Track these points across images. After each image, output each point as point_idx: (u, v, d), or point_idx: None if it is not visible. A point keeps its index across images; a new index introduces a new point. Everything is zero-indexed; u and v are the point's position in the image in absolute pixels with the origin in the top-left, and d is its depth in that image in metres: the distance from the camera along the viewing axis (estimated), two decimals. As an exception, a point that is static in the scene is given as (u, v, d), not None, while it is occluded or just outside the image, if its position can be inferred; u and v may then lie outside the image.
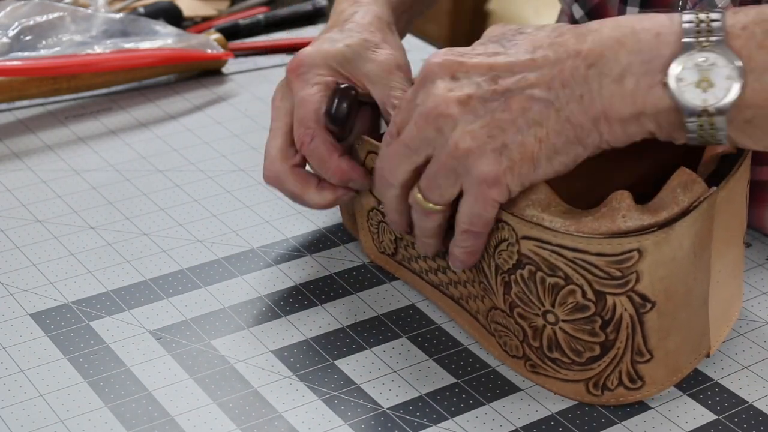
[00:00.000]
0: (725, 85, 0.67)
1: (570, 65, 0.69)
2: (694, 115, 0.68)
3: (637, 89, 0.68)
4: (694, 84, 0.67)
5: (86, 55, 1.11)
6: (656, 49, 0.68)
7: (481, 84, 0.71)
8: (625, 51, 0.68)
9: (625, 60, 0.68)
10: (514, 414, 0.74)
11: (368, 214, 0.85)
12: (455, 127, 0.70)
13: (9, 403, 0.74)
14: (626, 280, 0.70)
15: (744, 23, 0.68)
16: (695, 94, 0.67)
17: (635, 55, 0.68)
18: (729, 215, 0.74)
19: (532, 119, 0.70)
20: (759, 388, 0.76)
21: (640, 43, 0.68)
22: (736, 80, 0.67)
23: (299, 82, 0.83)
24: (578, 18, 0.97)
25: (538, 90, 0.69)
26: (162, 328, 0.81)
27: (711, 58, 0.67)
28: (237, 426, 0.72)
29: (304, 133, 0.82)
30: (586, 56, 0.69)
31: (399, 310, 0.83)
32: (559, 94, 0.69)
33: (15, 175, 0.99)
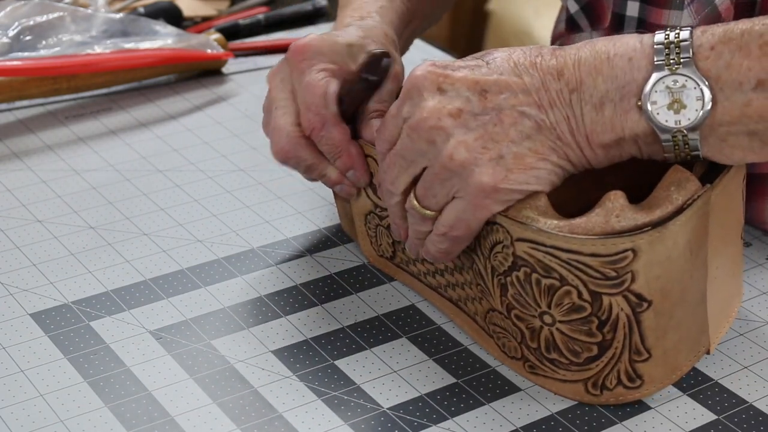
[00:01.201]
0: (696, 105, 0.69)
1: (555, 88, 0.71)
2: (669, 134, 0.70)
3: (615, 115, 0.70)
4: (666, 106, 0.69)
5: (86, 55, 1.11)
6: (630, 73, 0.70)
7: (470, 98, 0.72)
8: (601, 78, 0.70)
9: (602, 87, 0.70)
10: (514, 414, 0.74)
11: (366, 217, 0.86)
12: (448, 139, 0.71)
13: (9, 403, 0.74)
14: (621, 280, 0.70)
15: (712, 43, 0.69)
16: (668, 115, 0.70)
17: (611, 82, 0.70)
18: (725, 212, 0.74)
19: (524, 133, 0.71)
20: (759, 388, 0.76)
21: (615, 69, 0.70)
22: (706, 101, 0.69)
23: (303, 65, 0.83)
24: (573, 12, 0.97)
25: (528, 108, 0.71)
26: (162, 328, 0.81)
27: (681, 80, 0.69)
28: (237, 426, 0.72)
29: (314, 119, 0.82)
30: (568, 81, 0.71)
31: (399, 310, 0.83)
32: (549, 114, 0.71)
33: (15, 175, 0.99)
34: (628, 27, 0.91)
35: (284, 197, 0.96)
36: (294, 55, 0.84)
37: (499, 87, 0.71)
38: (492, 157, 0.71)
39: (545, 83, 0.71)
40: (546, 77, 0.71)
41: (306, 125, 0.83)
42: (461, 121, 0.71)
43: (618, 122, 0.70)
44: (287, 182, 0.98)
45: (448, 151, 0.71)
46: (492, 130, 0.71)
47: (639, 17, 0.90)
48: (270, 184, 0.98)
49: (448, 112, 0.71)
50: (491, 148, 0.71)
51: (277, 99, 0.85)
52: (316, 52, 0.84)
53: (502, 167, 0.71)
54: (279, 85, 0.85)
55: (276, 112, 0.85)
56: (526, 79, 0.71)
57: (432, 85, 0.72)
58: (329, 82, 0.83)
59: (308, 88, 0.83)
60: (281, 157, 0.85)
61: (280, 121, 0.84)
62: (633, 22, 0.91)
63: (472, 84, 0.72)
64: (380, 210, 0.83)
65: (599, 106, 0.70)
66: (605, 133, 0.71)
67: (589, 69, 0.71)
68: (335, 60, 0.84)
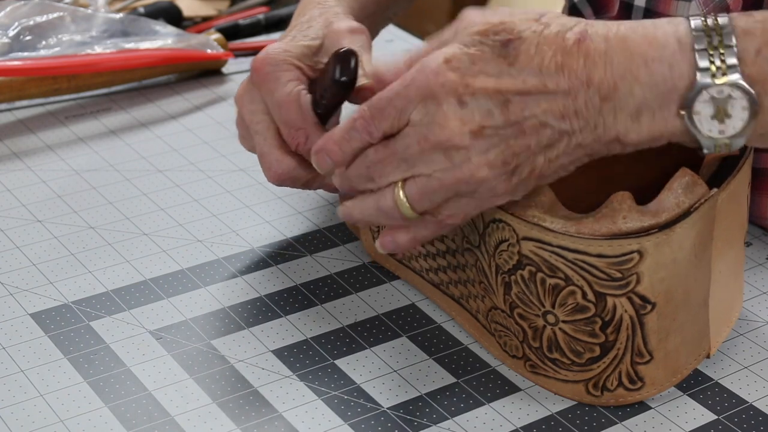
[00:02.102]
0: (742, 115, 0.67)
1: (583, 96, 0.67)
2: (712, 143, 0.68)
3: (653, 122, 0.68)
4: (710, 116, 0.67)
5: (86, 55, 1.11)
6: (670, 81, 0.67)
7: (493, 111, 0.68)
8: (638, 85, 0.67)
9: (639, 94, 0.67)
10: (514, 414, 0.74)
11: (368, 213, 0.85)
12: (469, 158, 0.69)
13: (9, 403, 0.74)
14: (626, 282, 0.70)
15: (757, 47, 0.66)
16: (712, 125, 0.67)
17: (650, 90, 0.67)
18: (730, 216, 0.74)
19: (544, 144, 0.68)
20: (759, 388, 0.76)
21: (654, 77, 0.67)
22: (752, 109, 0.67)
23: (269, 82, 0.82)
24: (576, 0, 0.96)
25: (552, 118, 0.68)
26: (162, 328, 0.81)
27: (726, 91, 0.66)
28: (237, 426, 0.72)
29: (296, 134, 0.81)
30: (599, 87, 0.67)
31: (399, 309, 0.83)
32: (573, 123, 0.68)
33: (15, 175, 0.99)
34: (635, 16, 0.91)
35: (284, 197, 0.96)
36: (257, 74, 0.82)
37: (522, 95, 0.68)
38: (508, 170, 0.69)
39: (572, 91, 0.67)
40: (573, 84, 0.67)
41: (290, 142, 0.82)
42: (483, 138, 0.68)
43: (656, 129, 0.68)
44: (287, 182, 0.98)
45: (468, 170, 0.69)
46: (513, 143, 0.68)
47: (646, 7, 0.90)
48: (270, 184, 0.98)
49: (469, 131, 0.68)
50: (511, 162, 0.69)
51: (253, 122, 0.83)
52: (276, 63, 0.82)
53: (517, 177, 0.69)
54: (250, 106, 0.84)
55: (256, 137, 0.83)
56: (550, 86, 0.68)
57: (452, 96, 0.68)
58: (300, 93, 0.81)
59: (281, 105, 0.81)
60: (276, 182, 0.83)
61: (264, 148, 0.83)
62: (640, 11, 0.90)
63: (494, 94, 0.68)
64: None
65: (636, 114, 0.67)
66: (641, 138, 0.68)
67: (624, 74, 0.67)
68: (297, 63, 0.82)
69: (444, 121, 0.68)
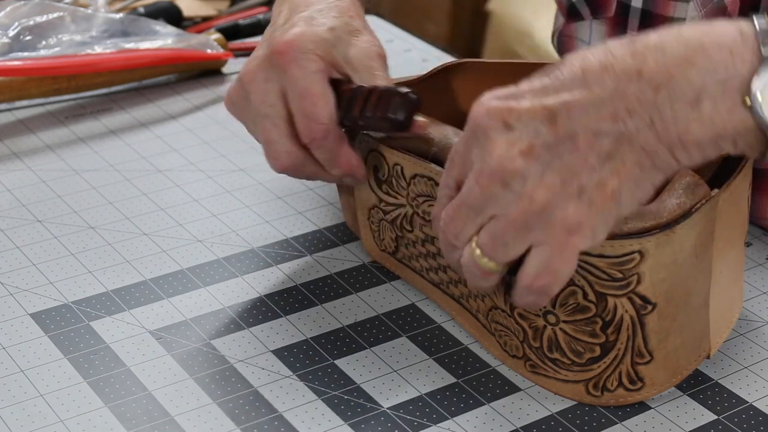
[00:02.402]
0: None
1: (633, 90, 0.63)
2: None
3: (716, 112, 0.63)
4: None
5: (86, 55, 1.11)
6: (732, 67, 0.63)
7: (540, 129, 0.65)
8: (696, 71, 0.63)
9: (698, 81, 0.63)
10: (514, 414, 0.74)
11: (369, 212, 0.85)
12: (525, 181, 0.65)
13: (9, 403, 0.74)
14: (627, 282, 0.70)
15: None
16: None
17: (709, 75, 0.63)
18: (731, 217, 0.74)
19: (604, 154, 0.64)
20: (759, 388, 0.76)
21: (713, 62, 0.63)
22: None
23: (294, 69, 0.79)
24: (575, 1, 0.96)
25: (604, 124, 0.64)
26: (162, 328, 0.81)
27: None
28: (237, 426, 0.72)
29: (316, 129, 0.79)
30: (651, 78, 0.63)
31: (399, 309, 0.83)
32: (627, 124, 0.64)
33: (15, 175, 0.99)
34: (632, 17, 0.91)
35: (284, 197, 0.96)
36: (281, 57, 0.79)
37: (568, 107, 0.64)
38: (572, 192, 0.64)
39: (620, 88, 0.63)
40: (621, 81, 0.63)
41: (305, 134, 0.80)
42: (535, 158, 0.64)
43: (719, 120, 0.63)
44: (287, 182, 0.98)
45: (527, 194, 0.65)
46: (569, 160, 0.64)
47: (643, 8, 0.90)
48: (270, 184, 0.98)
49: (519, 152, 0.65)
50: (571, 181, 0.64)
51: (264, 104, 0.81)
52: (303, 50, 0.79)
53: (585, 201, 0.64)
54: (263, 86, 0.80)
55: (264, 122, 0.81)
56: (596, 90, 0.64)
57: (497, 123, 0.65)
58: (326, 87, 0.80)
59: (306, 96, 0.79)
60: (279, 171, 0.82)
61: (272, 135, 0.80)
62: (637, 12, 0.90)
63: (539, 112, 0.65)
64: (384, 204, 0.83)
65: (695, 102, 0.63)
66: (703, 132, 0.63)
67: (678, 61, 0.63)
68: (323, 54, 0.80)
69: (493, 148, 0.65)
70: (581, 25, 0.97)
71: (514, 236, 0.66)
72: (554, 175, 0.64)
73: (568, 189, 0.64)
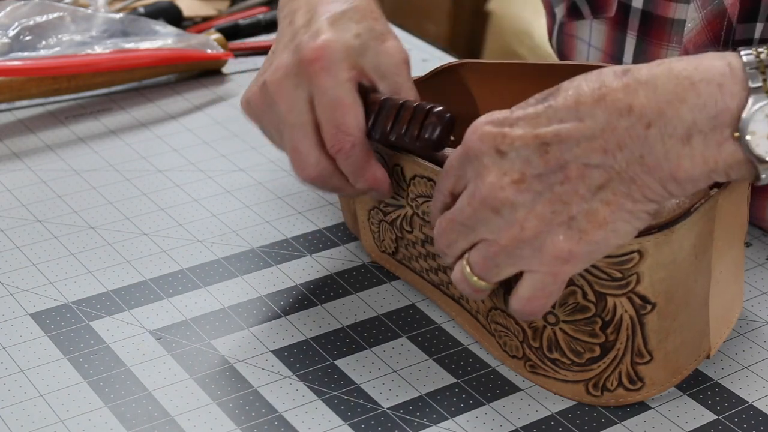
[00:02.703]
0: None
1: (624, 125, 0.64)
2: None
3: (707, 147, 0.64)
4: (766, 136, 0.63)
5: (86, 55, 1.11)
6: (722, 102, 0.63)
7: (531, 158, 0.66)
8: (687, 107, 0.63)
9: (689, 117, 0.63)
10: (514, 414, 0.74)
11: (369, 213, 0.85)
12: (515, 209, 0.66)
13: (9, 403, 0.74)
14: (627, 282, 0.70)
15: None
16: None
17: (699, 111, 0.63)
18: (730, 217, 0.74)
19: (594, 186, 0.65)
20: (759, 388, 0.76)
21: (703, 97, 0.63)
22: None
23: (324, 78, 0.77)
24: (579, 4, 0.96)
25: (594, 157, 0.65)
26: (162, 328, 0.81)
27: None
28: (237, 426, 0.72)
29: (344, 140, 0.77)
30: (642, 114, 0.64)
31: (399, 310, 0.83)
32: (618, 157, 0.64)
33: (15, 175, 0.99)
34: (633, 18, 0.91)
35: (284, 197, 0.96)
36: (311, 66, 0.77)
37: (560, 138, 0.65)
38: (563, 221, 0.66)
39: (611, 122, 0.64)
40: (612, 115, 0.64)
41: (333, 144, 0.78)
42: (526, 187, 0.66)
43: (710, 154, 0.64)
44: (287, 182, 0.98)
45: (517, 222, 0.66)
46: (560, 190, 0.65)
47: (644, 9, 0.90)
48: (270, 184, 0.98)
49: (511, 181, 0.66)
50: (561, 210, 0.65)
51: (292, 113, 0.79)
52: (335, 58, 0.78)
53: (575, 230, 0.66)
54: (292, 94, 0.78)
55: (293, 131, 0.79)
56: (588, 122, 0.65)
57: (490, 149, 0.67)
58: (356, 99, 0.78)
59: (336, 106, 0.77)
60: (306, 181, 0.80)
61: (302, 145, 0.78)
62: (638, 13, 0.90)
63: (531, 140, 0.66)
64: (384, 205, 0.83)
65: (686, 138, 0.64)
66: (695, 167, 0.64)
67: (670, 97, 0.64)
68: (352, 63, 0.78)
69: (485, 174, 0.67)
70: (581, 24, 0.97)
71: (505, 260, 0.68)
72: (545, 205, 0.66)
73: (559, 218, 0.66)
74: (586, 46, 0.98)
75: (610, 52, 0.94)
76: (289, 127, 0.79)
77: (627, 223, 0.66)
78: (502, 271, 0.69)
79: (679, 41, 0.88)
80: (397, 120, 0.78)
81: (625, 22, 0.92)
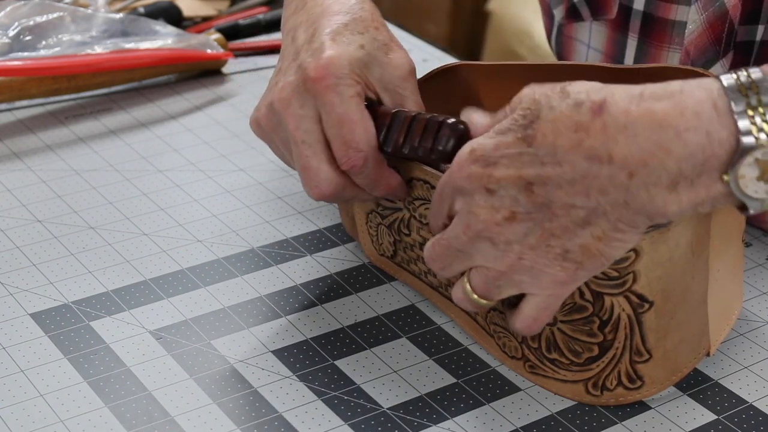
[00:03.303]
0: None
1: (605, 173, 0.64)
2: (758, 203, 0.64)
3: (694, 192, 0.64)
4: (756, 178, 0.63)
5: (86, 55, 1.11)
6: (709, 149, 0.62)
7: (518, 197, 0.67)
8: (672, 158, 0.63)
9: (674, 167, 0.63)
10: (514, 414, 0.74)
11: (367, 216, 0.85)
12: (510, 244, 0.68)
13: (9, 403, 0.74)
14: (623, 281, 0.70)
15: None
16: (758, 186, 0.63)
17: (685, 161, 0.63)
18: (727, 214, 0.74)
19: (581, 221, 0.66)
20: (759, 388, 0.76)
21: (690, 147, 0.62)
22: None
23: (329, 95, 0.77)
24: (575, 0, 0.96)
25: (577, 199, 0.65)
26: (162, 328, 0.81)
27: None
28: (237, 426, 0.72)
29: (355, 156, 0.77)
30: (623, 164, 0.63)
31: (399, 310, 0.83)
32: (600, 201, 0.65)
33: (15, 175, 0.99)
34: (634, 20, 0.91)
35: (284, 197, 0.96)
36: (316, 84, 0.77)
37: (542, 179, 0.66)
38: (558, 253, 0.67)
39: (592, 170, 0.64)
40: (593, 163, 0.64)
41: (344, 162, 0.77)
42: (517, 224, 0.67)
43: (698, 197, 0.64)
44: (287, 182, 0.98)
45: (513, 255, 0.68)
46: (549, 227, 0.67)
47: (645, 11, 0.90)
48: (270, 184, 0.98)
49: (503, 218, 0.67)
50: (555, 244, 0.67)
51: (300, 130, 0.78)
52: (339, 74, 0.77)
53: (571, 262, 0.67)
54: (299, 112, 0.78)
55: (301, 149, 0.78)
56: (566, 168, 0.65)
57: (479, 187, 0.68)
58: (365, 114, 0.77)
59: (344, 123, 0.76)
60: (318, 198, 0.79)
61: (312, 162, 0.77)
62: (639, 15, 0.90)
63: (515, 180, 0.66)
64: (382, 209, 0.83)
65: (672, 186, 0.63)
66: (681, 208, 0.64)
67: (653, 149, 0.63)
68: (357, 77, 0.78)
69: (477, 211, 0.68)
70: (581, 26, 0.97)
71: (506, 283, 0.70)
72: (539, 239, 0.67)
73: (554, 251, 0.67)
74: (585, 48, 0.98)
75: (610, 54, 0.94)
76: (297, 144, 0.78)
77: (620, 249, 0.68)
78: (503, 291, 0.71)
79: (680, 43, 0.88)
80: (410, 133, 0.78)
81: (626, 23, 0.92)
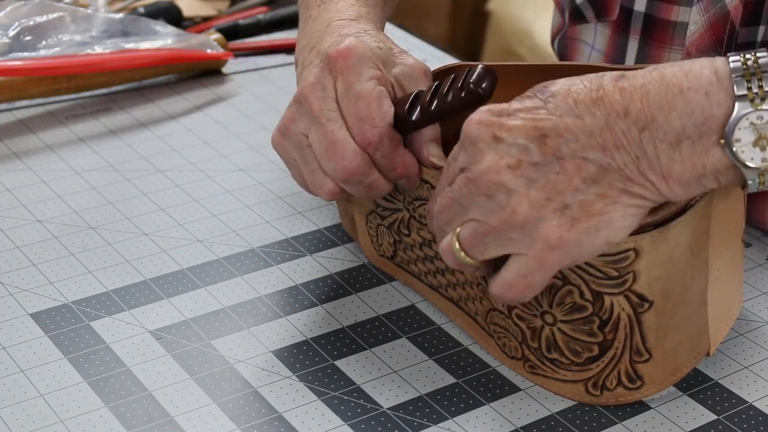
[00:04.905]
0: None
1: (621, 127, 0.66)
2: (755, 173, 0.66)
3: (694, 153, 0.66)
4: (751, 143, 0.65)
5: (86, 55, 1.11)
6: (708, 109, 0.65)
7: (529, 147, 0.67)
8: (676, 114, 0.66)
9: (677, 123, 0.66)
10: (514, 414, 0.74)
11: (367, 217, 0.85)
12: (509, 194, 0.67)
13: (9, 403, 0.74)
14: (623, 280, 0.70)
15: None
16: (754, 153, 0.65)
17: (687, 118, 0.66)
18: (726, 214, 0.74)
19: (590, 179, 0.67)
20: (759, 388, 0.76)
21: (691, 105, 0.66)
22: None
23: (350, 74, 0.78)
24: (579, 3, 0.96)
25: (592, 153, 0.66)
26: (162, 328, 0.81)
27: (766, 116, 0.65)
28: (237, 426, 0.73)
29: (370, 132, 0.77)
30: (637, 118, 0.66)
31: (399, 310, 0.83)
32: (615, 157, 0.66)
33: (15, 175, 0.99)
34: (635, 21, 0.91)
35: (284, 197, 0.96)
36: (338, 63, 0.78)
37: (559, 131, 0.67)
38: (557, 207, 0.67)
39: (609, 123, 0.66)
40: (610, 116, 0.66)
41: (360, 139, 0.77)
42: (521, 173, 0.67)
43: (698, 160, 0.66)
44: (287, 182, 0.98)
45: (510, 207, 0.67)
46: (555, 179, 0.67)
47: (647, 12, 0.90)
48: (270, 184, 0.98)
49: (506, 165, 0.67)
50: (555, 198, 0.67)
51: (324, 110, 0.78)
52: (361, 58, 0.78)
53: (568, 217, 0.67)
54: (321, 95, 0.79)
55: (328, 125, 0.78)
56: (587, 120, 0.67)
57: (487, 134, 0.68)
58: (382, 92, 0.78)
59: (360, 99, 0.77)
60: (346, 175, 0.78)
61: (340, 135, 0.77)
62: (640, 16, 0.90)
63: (530, 130, 0.67)
64: (381, 210, 0.83)
65: (675, 143, 0.66)
66: (684, 171, 0.66)
67: (660, 104, 0.66)
68: (378, 66, 0.79)
69: (481, 157, 0.68)
70: (585, 28, 0.97)
71: (493, 240, 0.69)
72: (539, 192, 0.67)
73: (552, 205, 0.67)
74: (588, 49, 0.98)
75: (612, 55, 0.95)
76: (323, 125, 0.78)
77: (620, 217, 0.67)
78: (488, 250, 0.70)
79: (681, 44, 0.88)
80: (438, 91, 0.78)
81: (628, 25, 0.92)
